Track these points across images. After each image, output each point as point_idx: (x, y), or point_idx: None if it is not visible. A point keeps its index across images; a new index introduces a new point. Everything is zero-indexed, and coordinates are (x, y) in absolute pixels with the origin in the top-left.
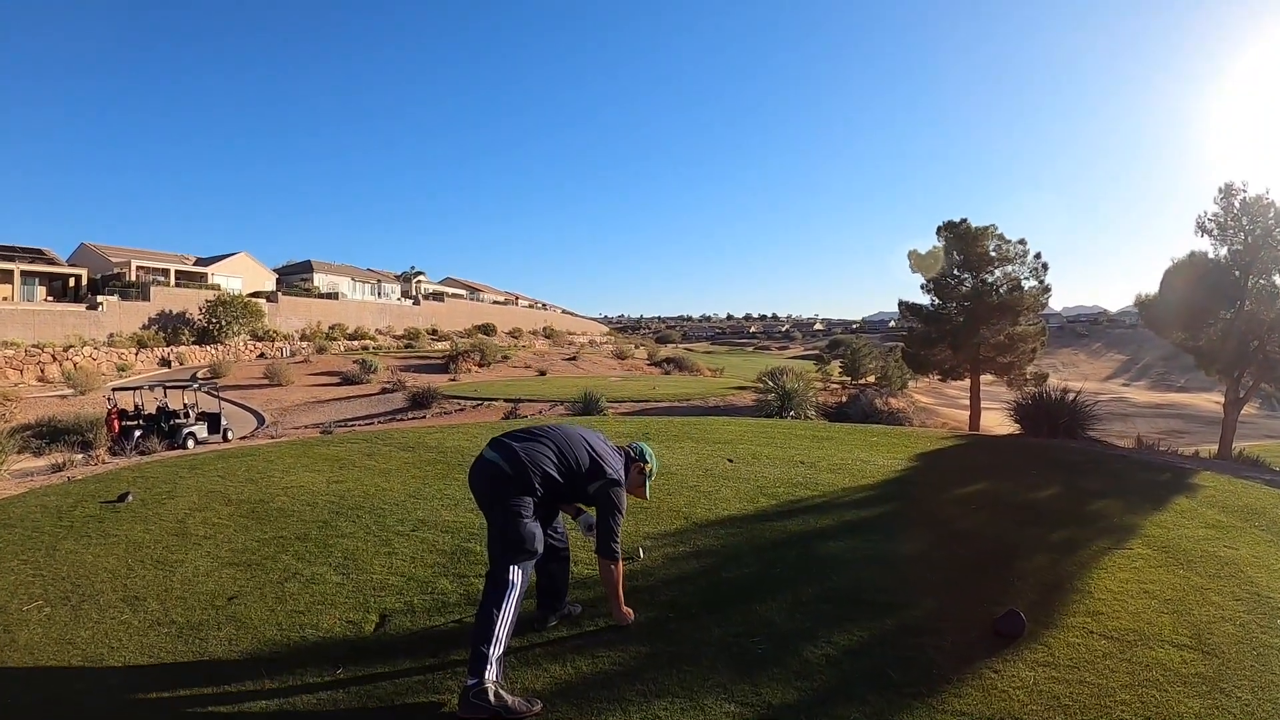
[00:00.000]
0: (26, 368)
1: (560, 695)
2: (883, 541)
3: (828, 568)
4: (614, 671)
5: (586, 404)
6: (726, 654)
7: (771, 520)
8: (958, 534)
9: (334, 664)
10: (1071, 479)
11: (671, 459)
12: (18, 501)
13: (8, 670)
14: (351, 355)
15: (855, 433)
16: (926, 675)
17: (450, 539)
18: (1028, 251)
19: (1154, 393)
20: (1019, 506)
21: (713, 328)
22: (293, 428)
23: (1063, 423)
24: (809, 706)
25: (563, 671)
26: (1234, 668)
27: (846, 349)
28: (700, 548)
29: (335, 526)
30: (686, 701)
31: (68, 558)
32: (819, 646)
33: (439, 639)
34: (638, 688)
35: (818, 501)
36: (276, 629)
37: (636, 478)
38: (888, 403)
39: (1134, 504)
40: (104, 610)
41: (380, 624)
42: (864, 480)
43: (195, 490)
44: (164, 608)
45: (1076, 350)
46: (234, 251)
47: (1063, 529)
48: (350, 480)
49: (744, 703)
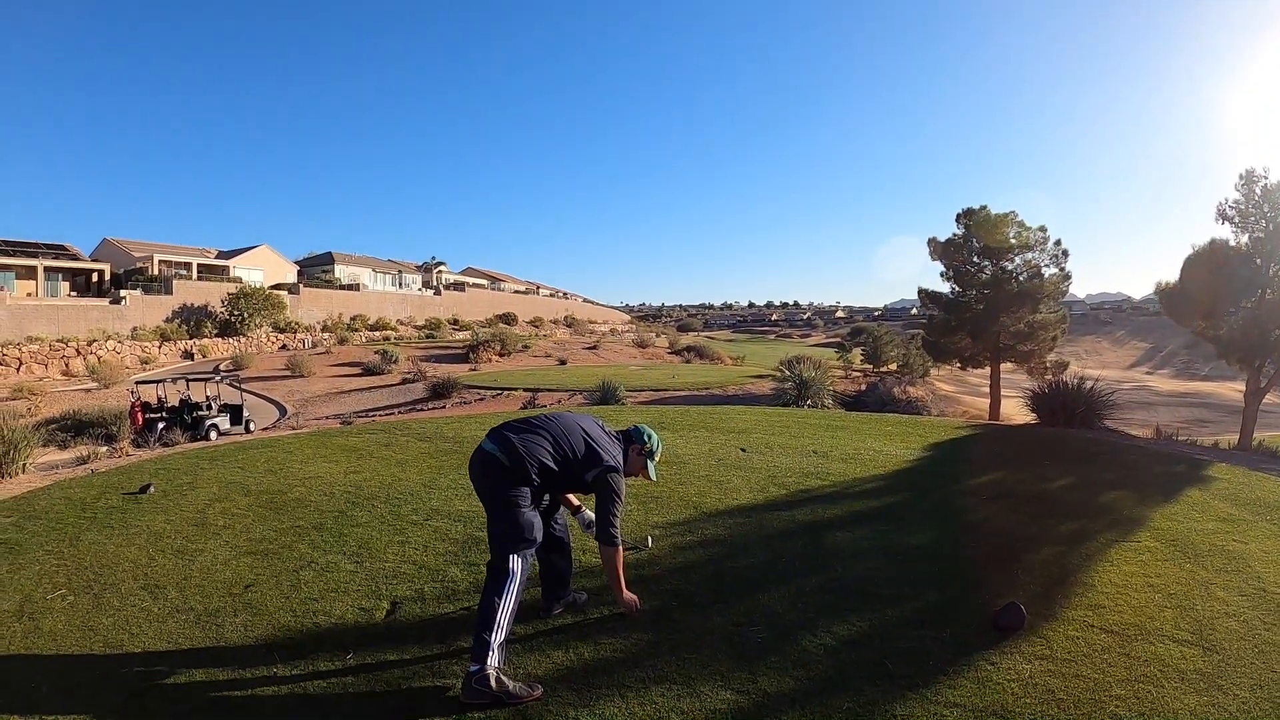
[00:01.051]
0: (51, 362)
1: (561, 680)
2: (891, 532)
3: (834, 558)
4: (615, 658)
5: (605, 393)
6: (726, 642)
7: (781, 510)
8: (966, 525)
9: (345, 649)
10: (1084, 470)
11: (684, 448)
12: (43, 494)
13: (33, 656)
14: (373, 346)
15: (870, 422)
16: (923, 667)
17: (462, 528)
18: (1048, 238)
19: (1178, 381)
20: (1030, 498)
21: (734, 316)
22: (314, 418)
23: (1079, 412)
24: (804, 695)
25: (565, 657)
26: (1234, 664)
27: (868, 336)
28: (708, 537)
29: (351, 516)
30: (684, 688)
31: (91, 548)
32: (818, 636)
33: (447, 625)
34: (637, 674)
35: (828, 491)
36: (291, 615)
37: (637, 459)
38: (906, 391)
39: (1146, 496)
40: (125, 598)
41: (391, 611)
42: (875, 470)
43: (215, 481)
44: (183, 595)
45: (1100, 338)
46: (255, 244)
47: (1072, 521)
48: (367, 470)
49: (740, 690)
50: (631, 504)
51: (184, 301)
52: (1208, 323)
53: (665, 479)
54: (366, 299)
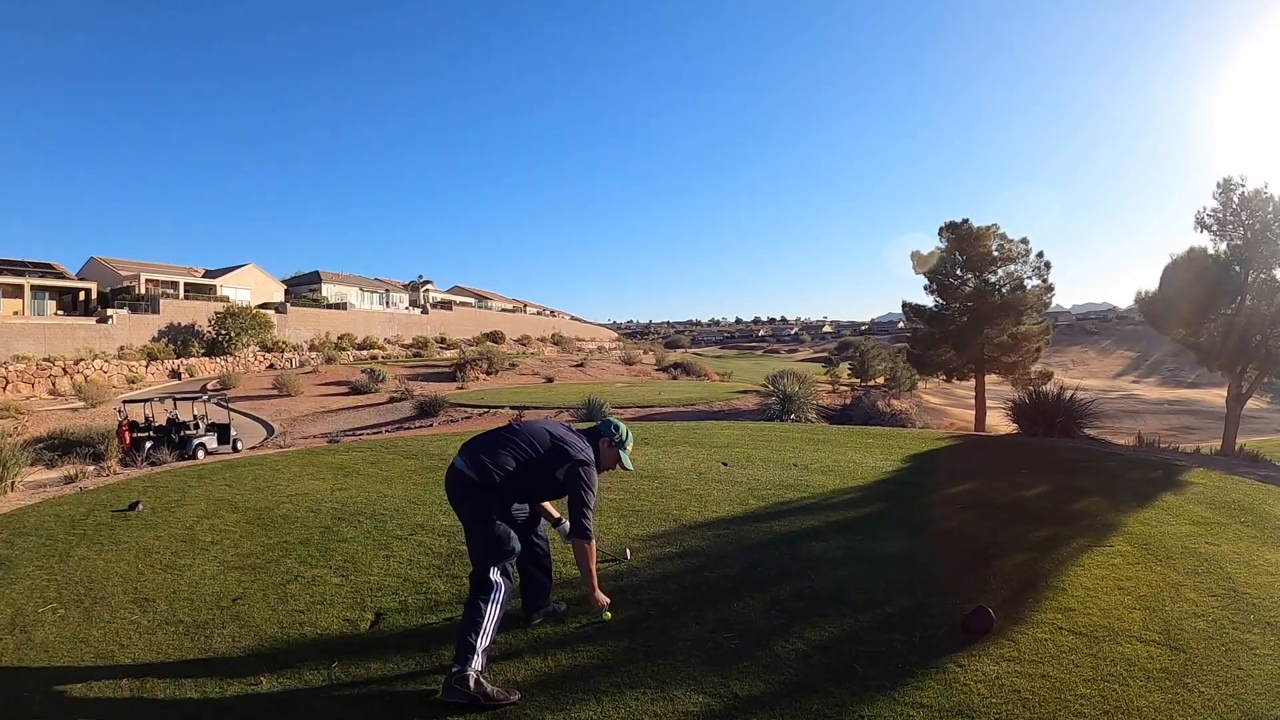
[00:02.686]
0: (38, 381)
1: (539, 686)
2: (865, 541)
3: (809, 567)
4: (591, 665)
5: (590, 411)
6: (700, 649)
7: (760, 521)
8: (940, 534)
9: (331, 659)
10: (1061, 478)
11: (666, 463)
12: (32, 511)
13: (25, 668)
14: (360, 365)
15: (852, 435)
16: (892, 669)
17: (446, 542)
18: (1030, 250)
19: (1164, 389)
20: (1005, 506)
21: (722, 331)
22: (301, 437)
23: (1059, 421)
24: (774, 698)
25: (543, 665)
26: (1200, 663)
27: (855, 351)
28: (687, 548)
29: (337, 531)
30: (657, 692)
31: (80, 563)
32: (790, 642)
33: (431, 635)
34: (612, 680)
35: (806, 503)
36: (278, 627)
37: (609, 452)
38: (890, 404)
39: (1121, 502)
40: (115, 611)
41: (375, 622)
42: (853, 482)
43: (203, 499)
44: (172, 608)
45: (1086, 348)
46: (242, 263)
47: (1045, 527)
48: (353, 488)
49: (712, 694)
50: (612, 517)
51: (171, 321)
52: (1189, 330)
53: (646, 493)
54: (354, 318)
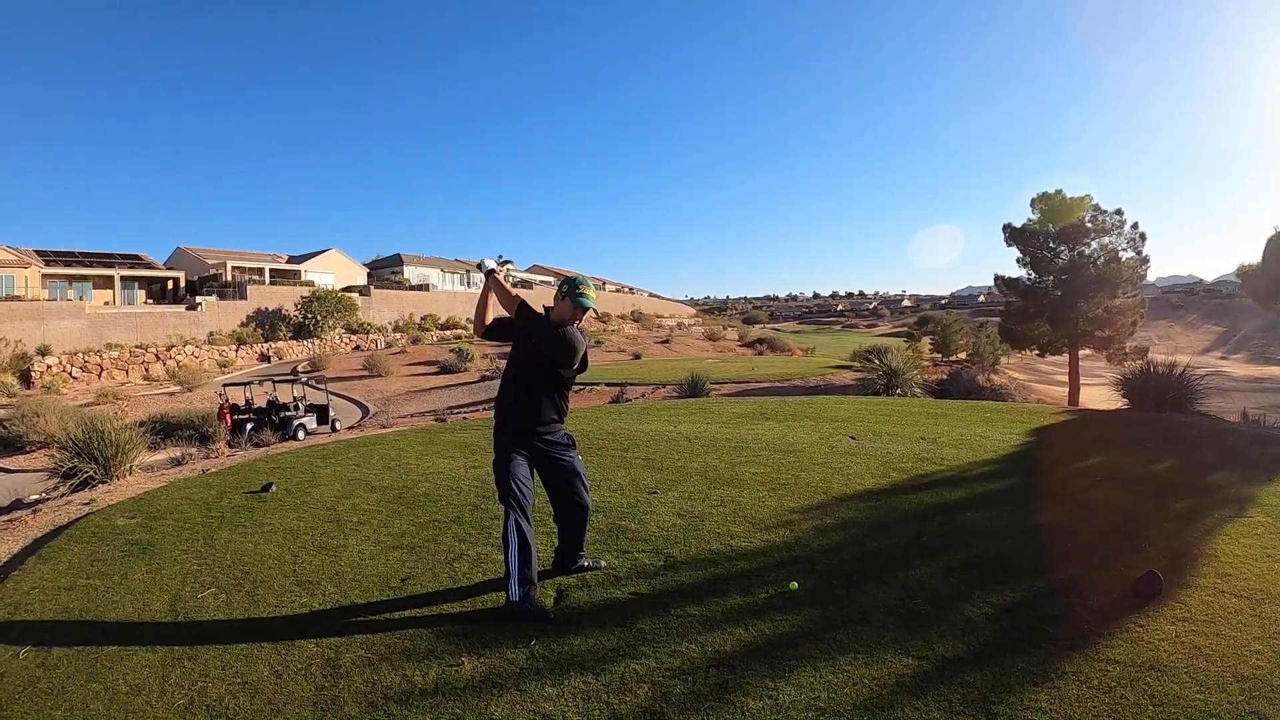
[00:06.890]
0: (132, 368)
1: (750, 655)
2: (1016, 512)
3: (969, 537)
4: (794, 633)
5: (693, 386)
6: (894, 615)
7: (906, 493)
8: (1085, 505)
9: (528, 638)
10: (1185, 452)
11: (795, 437)
12: (161, 494)
13: (198, 654)
14: (446, 345)
15: (967, 409)
16: (1079, 630)
17: (603, 518)
18: (1124, 222)
19: (1253, 366)
20: (1140, 479)
21: (799, 306)
22: (399, 417)
23: (1170, 397)
24: (978, 657)
25: (746, 635)
26: None
27: (936, 325)
28: (845, 519)
29: (485, 509)
30: (868, 656)
31: (227, 546)
32: (977, 607)
33: (620, 609)
34: (820, 646)
35: (946, 475)
36: (459, 607)
37: (560, 305)
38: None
39: (1250, 476)
40: (280, 595)
41: (559, 599)
42: (986, 454)
43: (335, 479)
44: (340, 590)
45: (1172, 322)
46: (325, 248)
47: (1184, 499)
48: (485, 465)
49: (919, 655)
50: (761, 491)
51: (258, 306)
52: None
53: (786, 466)
54: (436, 298)
